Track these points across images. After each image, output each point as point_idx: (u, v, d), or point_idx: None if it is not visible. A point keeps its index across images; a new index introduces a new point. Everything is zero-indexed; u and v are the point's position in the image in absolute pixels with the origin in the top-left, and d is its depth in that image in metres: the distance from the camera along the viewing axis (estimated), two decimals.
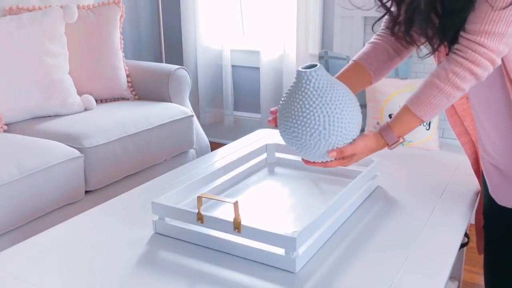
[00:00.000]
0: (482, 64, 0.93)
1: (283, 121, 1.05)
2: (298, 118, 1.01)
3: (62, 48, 2.26)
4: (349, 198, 1.18)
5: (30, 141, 1.90)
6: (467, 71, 0.95)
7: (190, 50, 3.25)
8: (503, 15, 0.89)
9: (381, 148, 1.08)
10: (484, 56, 0.93)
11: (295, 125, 1.01)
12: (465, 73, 0.95)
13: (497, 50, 0.93)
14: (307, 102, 1.00)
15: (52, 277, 0.97)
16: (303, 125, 1.01)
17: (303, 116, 1.00)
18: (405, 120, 1.04)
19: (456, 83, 0.96)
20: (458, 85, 0.96)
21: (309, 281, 0.94)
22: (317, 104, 0.99)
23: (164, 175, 1.46)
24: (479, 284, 1.86)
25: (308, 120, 1.00)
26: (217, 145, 2.53)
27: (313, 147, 1.03)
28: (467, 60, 0.94)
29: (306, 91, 1.01)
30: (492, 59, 0.93)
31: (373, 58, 1.18)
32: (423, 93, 1.00)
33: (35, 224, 1.77)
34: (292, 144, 1.06)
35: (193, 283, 0.94)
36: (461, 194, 1.29)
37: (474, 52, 0.93)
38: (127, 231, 1.14)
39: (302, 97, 1.01)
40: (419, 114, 1.02)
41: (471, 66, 0.94)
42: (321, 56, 2.73)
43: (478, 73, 0.94)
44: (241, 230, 1.00)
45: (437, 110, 1.01)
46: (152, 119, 2.23)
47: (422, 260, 1.00)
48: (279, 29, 2.94)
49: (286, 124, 1.03)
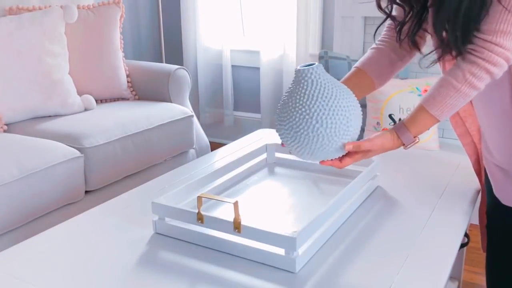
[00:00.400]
0: (499, 63, 0.94)
1: (282, 122, 1.03)
2: (297, 116, 0.99)
3: (62, 48, 2.26)
4: (349, 198, 1.18)
5: (30, 141, 1.90)
6: (484, 70, 0.95)
7: (190, 50, 3.25)
8: None
9: (396, 147, 1.07)
10: (501, 55, 0.93)
11: (294, 123, 0.99)
12: (481, 73, 0.95)
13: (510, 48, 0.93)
14: (306, 98, 0.99)
15: (52, 277, 0.97)
16: (301, 122, 0.99)
17: (301, 112, 0.98)
18: (421, 120, 1.04)
19: (473, 83, 0.97)
20: (475, 84, 0.97)
21: (309, 281, 0.94)
22: (316, 100, 0.98)
23: (164, 175, 1.46)
24: (479, 284, 1.86)
25: (307, 115, 0.98)
26: (217, 145, 2.53)
27: (315, 145, 1.00)
28: (484, 60, 0.94)
29: (304, 89, 0.99)
30: (508, 58, 0.94)
31: (376, 64, 1.18)
32: (440, 94, 1.00)
33: (35, 224, 1.77)
34: (293, 145, 1.03)
35: (193, 283, 0.94)
36: (461, 194, 1.29)
37: (490, 52, 0.94)
38: (127, 231, 1.14)
39: (301, 94, 1.00)
40: (436, 114, 1.02)
41: (487, 65, 0.94)
42: (321, 56, 2.73)
43: (494, 72, 0.95)
44: (241, 230, 1.00)
45: (453, 110, 1.01)
46: (152, 119, 2.23)
47: (422, 260, 1.00)
48: (279, 29, 2.94)
49: (286, 124, 1.01)
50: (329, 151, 1.02)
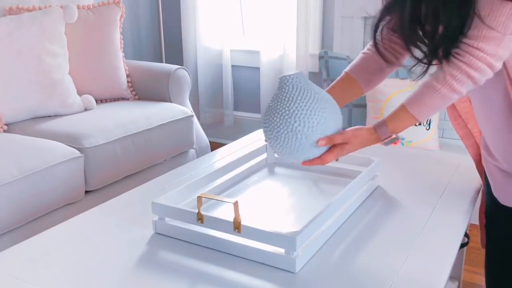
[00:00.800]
0: (480, 68, 0.95)
1: (266, 123, 1.09)
2: (278, 116, 1.05)
3: (62, 48, 2.26)
4: (349, 198, 1.18)
5: (30, 141, 1.90)
6: (465, 74, 0.96)
7: (190, 50, 3.25)
8: (500, 20, 0.90)
9: (373, 141, 1.09)
10: (482, 60, 0.94)
11: (275, 124, 1.05)
12: (462, 77, 0.96)
13: (496, 55, 0.93)
14: (285, 101, 1.05)
15: (52, 277, 0.97)
16: (282, 123, 1.04)
17: (281, 113, 1.05)
18: (401, 117, 1.06)
19: (453, 85, 0.98)
20: (455, 87, 0.98)
21: (309, 281, 0.94)
22: (295, 102, 1.04)
23: (164, 175, 1.46)
24: (479, 284, 1.86)
25: (287, 116, 1.04)
26: (217, 145, 2.53)
27: (294, 143, 1.05)
28: (465, 64, 0.95)
29: (286, 93, 1.06)
30: (490, 64, 0.94)
31: (365, 70, 1.20)
32: (421, 93, 1.02)
33: (35, 224, 1.77)
34: (276, 145, 1.08)
35: (193, 283, 0.94)
36: (461, 194, 1.29)
37: (472, 56, 0.94)
38: (127, 231, 1.14)
39: (282, 98, 1.06)
40: (414, 113, 1.04)
41: (468, 70, 0.95)
42: (321, 56, 2.73)
43: (475, 77, 0.96)
44: (241, 230, 1.00)
45: (432, 110, 1.02)
46: (152, 119, 2.23)
47: (422, 260, 1.00)
48: (279, 29, 2.94)
49: (269, 125, 1.07)
50: (309, 149, 1.06)
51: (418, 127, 2.42)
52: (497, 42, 0.92)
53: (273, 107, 1.06)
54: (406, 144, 2.43)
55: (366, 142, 1.09)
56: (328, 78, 2.70)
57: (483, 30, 0.92)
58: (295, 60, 2.92)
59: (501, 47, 0.93)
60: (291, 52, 2.93)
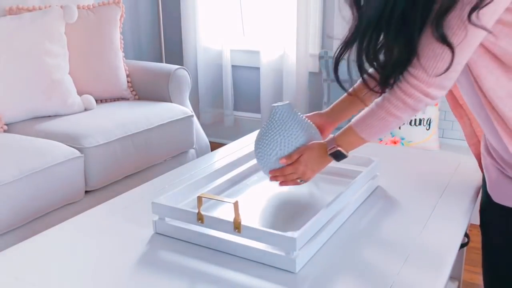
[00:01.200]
0: (414, 96, 0.98)
1: (256, 146, 1.24)
2: (263, 141, 1.22)
3: (62, 48, 2.26)
4: (349, 198, 1.18)
5: (30, 141, 1.90)
6: (400, 100, 1.00)
7: (190, 50, 3.25)
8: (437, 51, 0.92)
9: (323, 153, 1.15)
10: (416, 88, 0.97)
11: (261, 147, 1.22)
12: (397, 102, 1.01)
13: (432, 83, 0.95)
14: (270, 129, 1.22)
15: (52, 277, 0.97)
16: (265, 146, 1.21)
17: (266, 139, 1.21)
18: (347, 133, 1.13)
19: (389, 109, 1.02)
20: (392, 112, 1.02)
21: (309, 281, 0.94)
22: (277, 131, 1.20)
23: (164, 175, 1.46)
24: (479, 284, 1.86)
25: (269, 141, 1.20)
26: (217, 145, 2.53)
27: (273, 164, 1.21)
28: (401, 90, 0.99)
29: (271, 121, 1.22)
30: (425, 92, 0.97)
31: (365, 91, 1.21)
32: (365, 114, 1.09)
33: (35, 224, 1.77)
34: (260, 163, 1.24)
35: (193, 283, 0.94)
36: (461, 194, 1.29)
37: (407, 83, 0.98)
38: (127, 231, 1.14)
39: (268, 125, 1.23)
40: (357, 130, 1.10)
41: (403, 96, 0.99)
42: (321, 56, 2.73)
43: (410, 103, 0.99)
44: (241, 230, 1.00)
45: (374, 131, 1.08)
46: (152, 119, 2.23)
47: (422, 260, 1.00)
48: (279, 29, 2.94)
49: (257, 146, 1.24)
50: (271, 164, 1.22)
51: (418, 127, 2.42)
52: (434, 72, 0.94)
53: (262, 133, 1.24)
54: (406, 144, 2.43)
55: (318, 154, 1.16)
56: (328, 78, 2.70)
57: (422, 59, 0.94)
58: (295, 60, 2.92)
59: (441, 77, 0.94)
60: (291, 52, 2.93)
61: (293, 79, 2.96)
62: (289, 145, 1.18)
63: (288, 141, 1.19)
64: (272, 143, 1.20)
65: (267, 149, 1.20)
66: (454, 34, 0.90)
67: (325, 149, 1.15)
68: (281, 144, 1.19)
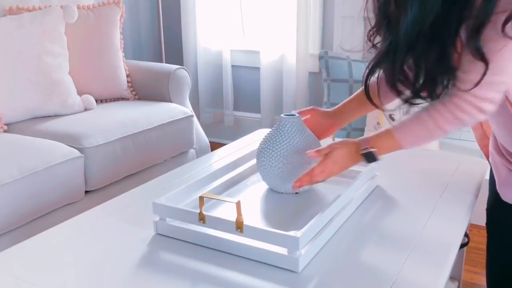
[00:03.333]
0: (467, 111, 0.96)
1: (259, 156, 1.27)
2: (270, 152, 1.23)
3: (62, 48, 2.26)
4: (350, 198, 1.18)
5: (30, 141, 1.90)
6: (452, 115, 0.97)
7: (190, 50, 3.24)
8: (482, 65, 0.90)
9: (355, 151, 1.10)
10: (471, 104, 0.95)
11: (267, 158, 1.24)
12: (450, 116, 0.98)
13: (486, 98, 0.94)
14: (279, 140, 1.23)
15: (52, 277, 0.97)
16: (273, 157, 1.22)
17: (273, 149, 1.23)
18: (381, 137, 1.08)
19: (439, 122, 0.99)
20: (441, 125, 0.99)
21: (311, 280, 0.94)
22: (286, 143, 1.22)
23: (164, 175, 1.46)
24: (479, 284, 1.86)
25: (275, 153, 1.22)
26: (217, 145, 2.53)
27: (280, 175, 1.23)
28: (454, 105, 0.97)
29: (280, 132, 1.24)
30: (479, 108, 0.95)
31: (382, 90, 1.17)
32: (409, 120, 1.05)
33: (35, 224, 1.77)
34: (266, 175, 1.27)
35: (195, 284, 0.94)
36: (461, 194, 1.29)
37: (460, 99, 0.95)
38: (128, 231, 1.14)
39: (277, 135, 1.24)
40: (396, 136, 1.06)
41: (456, 111, 0.97)
42: (321, 56, 2.73)
43: (463, 118, 0.97)
44: (243, 230, 1.00)
45: (416, 140, 1.04)
46: (152, 119, 2.23)
47: (422, 260, 1.00)
48: (279, 29, 2.94)
49: (260, 158, 1.26)
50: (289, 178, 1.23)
51: None
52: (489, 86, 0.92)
53: (269, 142, 1.25)
54: None
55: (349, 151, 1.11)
56: (328, 78, 2.70)
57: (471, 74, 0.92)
58: (295, 60, 2.92)
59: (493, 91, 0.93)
60: (291, 52, 2.93)
61: (293, 79, 2.96)
62: (292, 159, 1.20)
63: (293, 154, 1.20)
64: (277, 156, 1.22)
65: (273, 161, 1.22)
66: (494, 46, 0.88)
67: (357, 148, 1.10)
68: (287, 158, 1.21)
